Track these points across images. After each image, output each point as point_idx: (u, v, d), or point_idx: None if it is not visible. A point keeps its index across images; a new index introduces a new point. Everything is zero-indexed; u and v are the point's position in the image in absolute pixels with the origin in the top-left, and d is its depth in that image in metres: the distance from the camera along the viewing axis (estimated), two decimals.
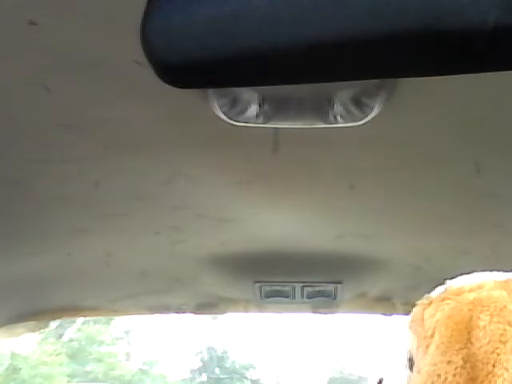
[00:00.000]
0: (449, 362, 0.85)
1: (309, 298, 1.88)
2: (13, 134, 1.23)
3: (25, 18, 0.93)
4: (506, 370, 0.84)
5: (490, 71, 0.44)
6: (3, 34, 0.97)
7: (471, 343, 0.86)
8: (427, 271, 1.74)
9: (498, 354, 0.85)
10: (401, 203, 1.51)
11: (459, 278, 0.96)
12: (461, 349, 0.86)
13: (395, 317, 1.97)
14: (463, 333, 0.87)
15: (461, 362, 0.85)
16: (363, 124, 1.17)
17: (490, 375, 0.84)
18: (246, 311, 2.01)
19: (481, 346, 0.86)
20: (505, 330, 0.86)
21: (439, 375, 0.85)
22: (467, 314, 0.88)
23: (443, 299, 0.92)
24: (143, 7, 0.45)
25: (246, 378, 15.94)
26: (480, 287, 0.92)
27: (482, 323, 0.87)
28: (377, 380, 1.06)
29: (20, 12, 0.93)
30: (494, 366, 0.84)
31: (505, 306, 0.88)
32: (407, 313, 1.00)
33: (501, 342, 0.85)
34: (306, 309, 1.97)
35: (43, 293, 1.89)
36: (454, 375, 0.84)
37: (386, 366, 1.07)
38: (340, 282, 1.84)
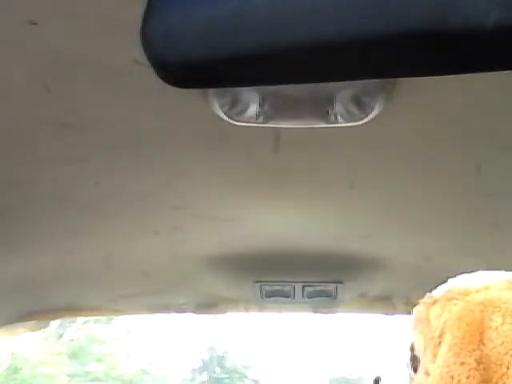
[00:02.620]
0: (462, 364, 0.84)
1: (309, 297, 1.88)
2: (13, 134, 1.23)
3: (25, 18, 0.93)
4: None
5: (490, 71, 0.43)
6: (3, 33, 0.97)
7: (484, 344, 0.86)
8: (427, 271, 1.74)
9: None
10: (401, 203, 1.51)
11: (462, 276, 0.96)
12: (473, 350, 0.85)
13: (396, 317, 1.98)
14: (475, 334, 0.86)
15: (474, 364, 0.84)
16: (363, 124, 1.17)
17: (504, 377, 0.84)
18: (247, 311, 2.01)
19: (494, 348, 0.85)
20: None
21: (452, 377, 0.84)
22: (478, 314, 0.88)
23: (450, 299, 0.92)
24: (143, 7, 0.45)
25: (246, 377, 15.94)
26: (487, 288, 0.91)
27: (494, 324, 0.86)
28: (373, 379, 1.06)
29: (20, 12, 0.93)
30: (507, 367, 0.84)
31: None
32: (408, 312, 1.00)
33: None
34: (306, 308, 1.97)
35: (43, 293, 1.89)
36: (468, 377, 0.84)
37: (384, 366, 1.06)
38: (340, 282, 1.84)
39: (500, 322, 0.86)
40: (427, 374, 0.90)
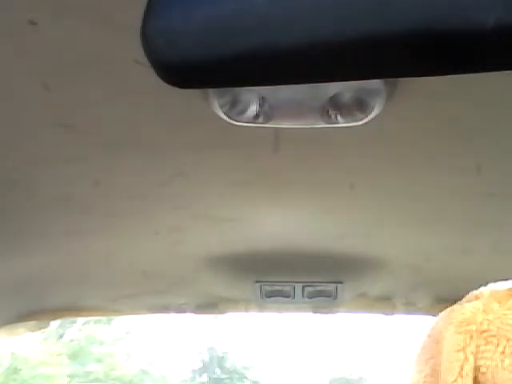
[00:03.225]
0: (419, 372, 0.89)
1: (309, 297, 1.88)
2: (13, 133, 1.23)
3: (25, 18, 0.93)
4: (462, 377, 0.86)
5: (490, 71, 0.43)
6: (3, 33, 0.97)
7: (439, 353, 0.89)
8: (427, 271, 1.74)
9: (456, 364, 0.87)
10: (401, 203, 1.51)
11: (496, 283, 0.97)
12: (431, 358, 0.89)
13: (396, 316, 1.98)
14: (434, 344, 0.91)
15: (428, 371, 0.88)
16: (363, 124, 1.17)
17: None
18: (247, 311, 2.01)
19: (444, 357, 0.88)
20: (463, 339, 0.88)
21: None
22: (442, 325, 0.91)
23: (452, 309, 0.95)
24: (143, 7, 0.45)
25: (246, 378, 15.95)
26: (477, 297, 0.93)
27: (447, 334, 0.89)
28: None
29: (20, 12, 0.93)
30: (453, 375, 0.87)
31: (469, 317, 0.89)
32: (408, 312, 1.01)
33: (458, 351, 0.87)
34: (306, 309, 1.97)
35: (43, 293, 1.89)
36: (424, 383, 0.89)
37: (386, 367, 1.08)
38: (340, 282, 1.84)
39: (452, 331, 0.89)
40: None
